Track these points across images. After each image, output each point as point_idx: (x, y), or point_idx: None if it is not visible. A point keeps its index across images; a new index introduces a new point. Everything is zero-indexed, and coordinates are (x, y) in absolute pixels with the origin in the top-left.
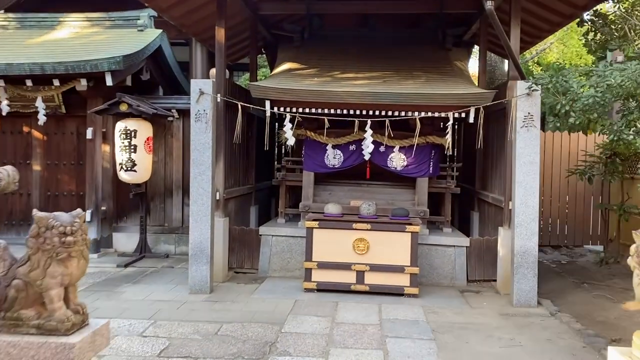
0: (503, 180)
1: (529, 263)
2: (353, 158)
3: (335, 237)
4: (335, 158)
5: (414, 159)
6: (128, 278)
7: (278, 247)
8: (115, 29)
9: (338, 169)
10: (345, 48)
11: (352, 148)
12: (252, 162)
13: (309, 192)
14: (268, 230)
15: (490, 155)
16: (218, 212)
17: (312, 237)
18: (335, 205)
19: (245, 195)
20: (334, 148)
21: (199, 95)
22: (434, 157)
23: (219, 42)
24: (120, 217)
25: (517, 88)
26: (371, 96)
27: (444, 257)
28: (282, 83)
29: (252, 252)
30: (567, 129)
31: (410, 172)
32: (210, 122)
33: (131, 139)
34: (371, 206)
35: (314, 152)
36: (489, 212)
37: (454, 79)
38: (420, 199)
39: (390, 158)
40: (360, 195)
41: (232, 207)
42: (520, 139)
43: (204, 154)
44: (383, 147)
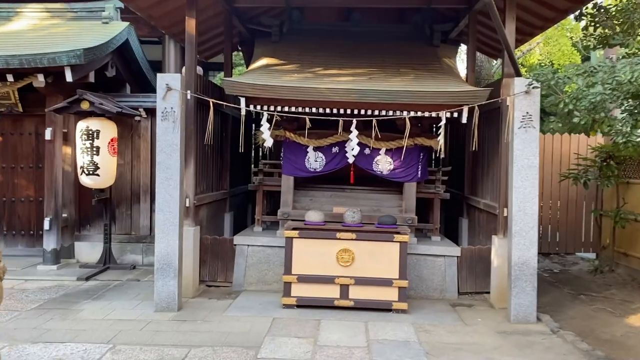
0: (497, 185)
1: (527, 275)
2: (336, 161)
3: (317, 248)
4: (316, 161)
5: (401, 163)
6: (88, 293)
7: (254, 257)
8: (78, 21)
9: (320, 173)
10: (327, 43)
11: (335, 150)
12: (226, 165)
13: (289, 198)
14: (243, 240)
15: (480, 158)
16: (188, 221)
17: (292, 247)
18: (316, 212)
19: (218, 202)
20: (315, 150)
21: (166, 92)
22: (422, 160)
23: (190, 34)
24: (83, 225)
25: (514, 86)
26: (357, 94)
27: (434, 267)
28: (259, 79)
29: (226, 263)
30: (568, 130)
31: (397, 176)
32: (178, 121)
33: (93, 140)
34: (356, 214)
35: (293, 154)
36: (480, 219)
37: (443, 76)
38: (408, 206)
39: (376, 161)
40: (344, 202)
41: (204, 214)
42: (518, 141)
43: (172, 157)
44: (368, 150)
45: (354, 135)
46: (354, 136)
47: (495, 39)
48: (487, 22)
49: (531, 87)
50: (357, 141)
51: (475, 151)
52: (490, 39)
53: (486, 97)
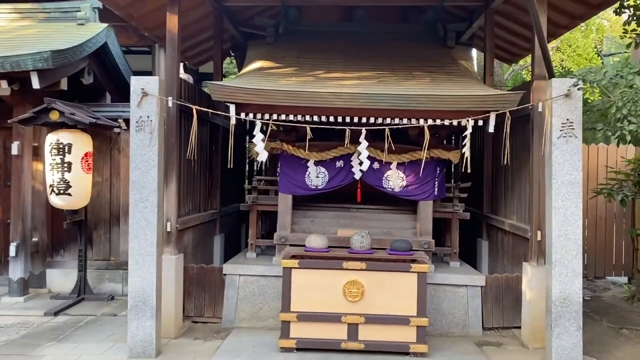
0: (526, 204)
1: (571, 313)
2: (340, 177)
3: (320, 280)
4: (318, 177)
5: (416, 178)
6: (55, 332)
7: (247, 289)
8: (50, 23)
9: (322, 190)
10: (328, 45)
11: (340, 165)
12: (216, 181)
13: (286, 220)
14: (234, 269)
15: (503, 172)
16: (169, 248)
17: (290, 280)
18: (319, 237)
19: (207, 223)
20: (317, 165)
21: (141, 97)
22: (439, 175)
23: (171, 32)
24: (56, 250)
25: (552, 88)
26: (365, 99)
27: (455, 299)
28: (251, 83)
29: (215, 296)
30: (618, 141)
31: (411, 194)
32: (156, 132)
33: (64, 154)
34: (365, 238)
35: (292, 169)
36: (504, 242)
37: (463, 79)
38: (424, 227)
39: (386, 177)
40: (350, 223)
41: (189, 239)
42: (557, 153)
43: (148, 174)
44: (377, 164)
45: (364, 147)
46: (364, 148)
47: (511, 41)
48: (503, 23)
49: (576, 87)
50: (367, 154)
51: (496, 164)
52: (506, 41)
53: (517, 101)
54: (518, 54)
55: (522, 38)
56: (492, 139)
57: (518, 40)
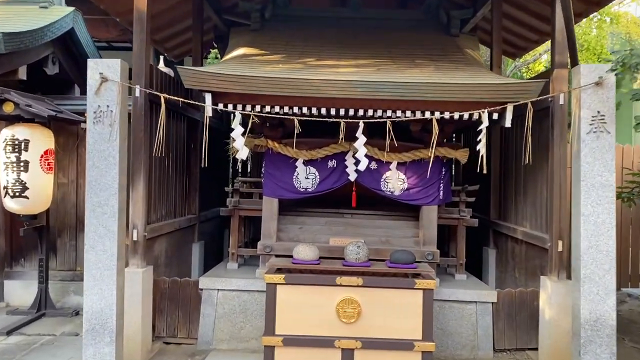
0: (543, 209)
1: (603, 338)
2: (333, 179)
3: (309, 298)
4: (308, 179)
5: (419, 180)
6: (2, 358)
7: (226, 306)
8: (10, 5)
9: (312, 194)
10: (320, 32)
11: (332, 164)
12: (195, 183)
13: (271, 227)
14: (212, 282)
15: (514, 173)
16: (135, 260)
17: (275, 297)
18: (308, 246)
19: (183, 230)
20: (306, 164)
21: (100, 83)
22: (444, 177)
23: (139, 10)
24: (15, 259)
25: (580, 75)
26: (364, 87)
27: (462, 317)
28: (231, 69)
29: (189, 313)
30: None
31: (413, 198)
32: (117, 125)
33: (20, 152)
34: (361, 249)
35: (278, 170)
36: (516, 252)
37: (472, 68)
38: (427, 236)
39: (385, 179)
40: (343, 231)
41: (162, 248)
42: (587, 151)
43: (107, 174)
44: (375, 164)
45: (361, 143)
46: (361, 144)
47: (516, 32)
48: (509, 11)
49: (614, 73)
50: (364, 151)
51: (506, 164)
52: (511, 32)
53: (539, 90)
54: (523, 47)
55: (529, 28)
56: (499, 136)
57: (524, 31)
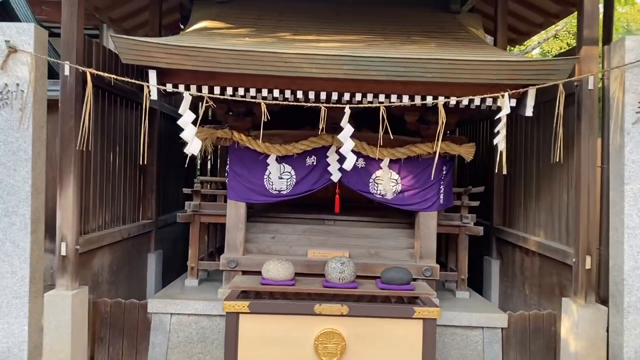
0: (566, 217)
1: None
2: (313, 179)
3: (281, 331)
4: (282, 179)
5: (414, 181)
6: None
7: (182, 334)
8: None
9: (287, 197)
10: (300, 5)
11: (312, 162)
12: (151, 183)
13: (237, 238)
14: (164, 305)
15: (525, 173)
16: (64, 280)
17: (238, 330)
18: (281, 263)
19: (136, 239)
20: (280, 162)
21: (7, 55)
22: (445, 177)
23: None
24: None
25: (625, 50)
26: (352, 65)
27: (466, 346)
28: (185, 42)
29: (136, 343)
30: None
31: (408, 202)
32: (30, 109)
33: None
34: (346, 266)
35: (245, 168)
36: (528, 265)
37: (478, 45)
38: (425, 248)
39: (375, 179)
40: (325, 241)
41: (105, 262)
42: (632, 146)
43: (16, 173)
44: (362, 161)
45: (347, 134)
46: (347, 137)
47: (520, 15)
48: None
49: None
50: (351, 145)
51: (512, 163)
52: (514, 15)
53: (569, 70)
54: (526, 32)
55: (535, 9)
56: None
57: (529, 13)
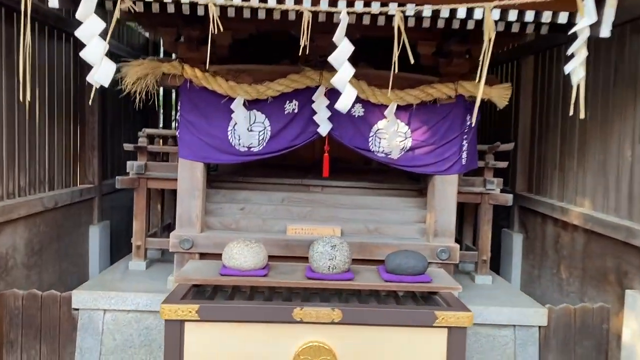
0: (629, 183)
1: None
2: (293, 132)
3: (246, 345)
4: (252, 132)
5: (429, 135)
6: None
7: (119, 335)
8: None
9: (260, 155)
10: None
11: (292, 108)
12: (92, 138)
13: (192, 209)
14: (94, 298)
15: (562, 125)
16: None
17: (182, 346)
18: (249, 246)
19: (67, 209)
20: (250, 108)
21: None
22: (468, 130)
23: None
24: None
25: None
26: None
27: (493, 349)
28: None
29: (58, 348)
30: None
31: (420, 163)
32: None
33: None
34: (338, 250)
35: (203, 116)
36: (566, 243)
37: None
38: (441, 223)
39: (377, 133)
40: (309, 213)
41: (19, 240)
42: None
43: None
44: (360, 108)
45: (342, 55)
46: (343, 58)
47: None
48: None
49: None
50: (349, 73)
51: (542, 113)
52: None
53: None
54: None
55: None
56: (532, 71)
57: None
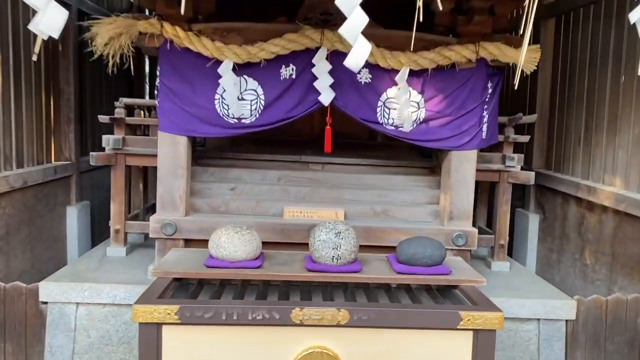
0: None
1: None
2: (290, 101)
3: (236, 351)
4: (243, 101)
5: (445, 105)
6: None
7: (94, 333)
8: None
9: (252, 128)
10: None
11: (288, 74)
12: (68, 108)
13: (175, 189)
14: (65, 291)
15: (588, 94)
16: None
17: (160, 354)
18: (239, 234)
19: (39, 188)
20: (240, 73)
21: None
22: (490, 99)
23: None
24: None
25: None
26: None
27: (514, 346)
28: None
29: (25, 346)
30: None
31: (435, 137)
32: None
33: None
34: (343, 237)
35: (186, 83)
36: (593, 226)
37: None
38: (458, 204)
39: (386, 102)
40: (309, 194)
41: None
42: None
43: None
44: (367, 74)
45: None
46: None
47: None
48: None
49: None
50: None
51: (563, 83)
52: None
53: None
54: None
55: None
56: (554, 30)
57: None
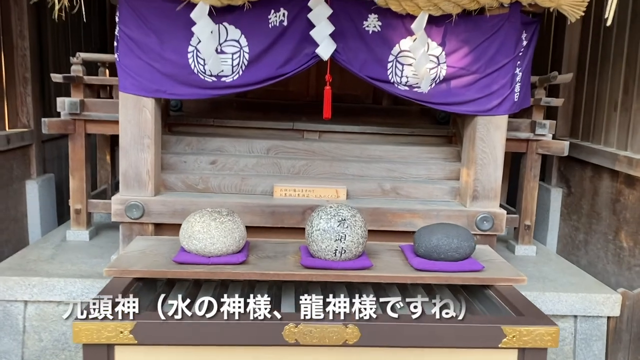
0: None
1: None
2: (281, 55)
3: None
4: (224, 54)
5: (471, 60)
6: None
7: (47, 336)
8: None
9: (234, 88)
10: None
11: (278, 21)
12: (23, 69)
13: (142, 162)
14: (10, 286)
15: (629, 51)
16: None
17: None
18: (217, 220)
19: None
20: (219, 20)
21: None
22: (524, 54)
23: None
24: None
25: None
26: None
27: None
28: None
29: None
30: None
31: (457, 99)
32: None
33: None
34: (348, 226)
35: (151, 32)
36: (632, 204)
37: None
38: (483, 181)
39: (398, 57)
40: (305, 167)
41: None
42: None
43: None
44: (376, 21)
45: None
46: None
47: None
48: None
49: None
50: None
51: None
52: None
53: None
54: None
55: None
56: None
57: None
